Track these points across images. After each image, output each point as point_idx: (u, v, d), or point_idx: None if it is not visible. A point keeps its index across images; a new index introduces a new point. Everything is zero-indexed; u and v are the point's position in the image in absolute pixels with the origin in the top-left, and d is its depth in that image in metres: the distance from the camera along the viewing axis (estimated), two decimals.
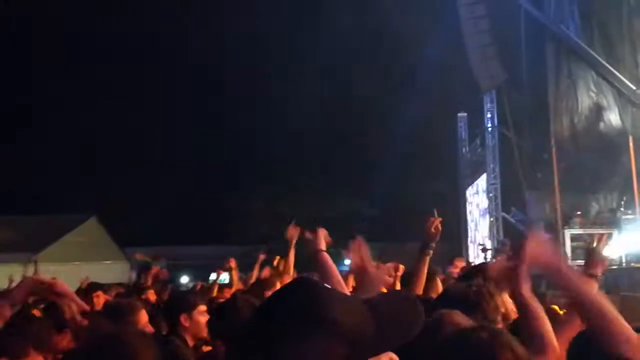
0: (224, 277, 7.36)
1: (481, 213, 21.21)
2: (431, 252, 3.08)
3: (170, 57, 31.82)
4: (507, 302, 2.57)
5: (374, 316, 1.08)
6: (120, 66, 30.95)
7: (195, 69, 31.00)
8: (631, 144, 13.43)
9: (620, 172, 14.18)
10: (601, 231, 11.64)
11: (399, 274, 4.20)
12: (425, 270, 3.08)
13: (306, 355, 1.01)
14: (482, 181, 20.88)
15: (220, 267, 6.91)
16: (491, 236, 19.15)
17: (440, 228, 3.05)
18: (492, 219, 19.48)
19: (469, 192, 23.28)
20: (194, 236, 27.27)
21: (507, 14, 17.07)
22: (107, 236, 24.00)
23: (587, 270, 2.83)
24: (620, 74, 14.11)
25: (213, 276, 10.69)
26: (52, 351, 2.54)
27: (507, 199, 19.27)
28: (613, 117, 14.69)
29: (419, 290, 3.10)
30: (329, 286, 1.14)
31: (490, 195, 19.65)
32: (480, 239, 20.40)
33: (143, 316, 3.08)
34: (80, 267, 17.82)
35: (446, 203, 24.17)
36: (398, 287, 3.86)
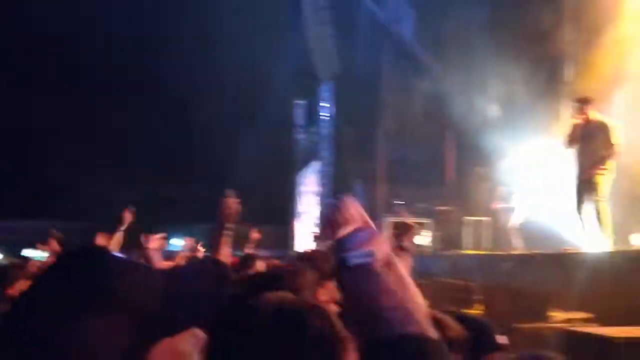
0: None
1: (312, 199, 21.79)
2: (227, 233, 2.90)
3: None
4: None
5: (173, 290, 0.97)
6: None
7: None
8: (450, 140, 14.64)
9: (440, 165, 15.38)
10: (419, 220, 12.59)
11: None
12: (225, 252, 2.91)
13: (85, 334, 0.85)
14: (315, 168, 21.40)
15: (42, 243, 6.22)
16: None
17: (238, 209, 2.90)
18: (322, 206, 20.08)
19: (302, 178, 23.79)
20: (3, 210, 24.74)
21: (350, 7, 17.55)
22: None
23: (400, 242, 3.17)
24: (450, 75, 15.16)
25: (27, 252, 9.85)
26: None
27: (338, 187, 19.97)
28: (439, 114, 15.77)
29: None
30: (119, 256, 0.99)
31: (323, 182, 20.22)
32: (311, 225, 20.95)
33: None
34: None
35: (279, 188, 24.55)
36: None
